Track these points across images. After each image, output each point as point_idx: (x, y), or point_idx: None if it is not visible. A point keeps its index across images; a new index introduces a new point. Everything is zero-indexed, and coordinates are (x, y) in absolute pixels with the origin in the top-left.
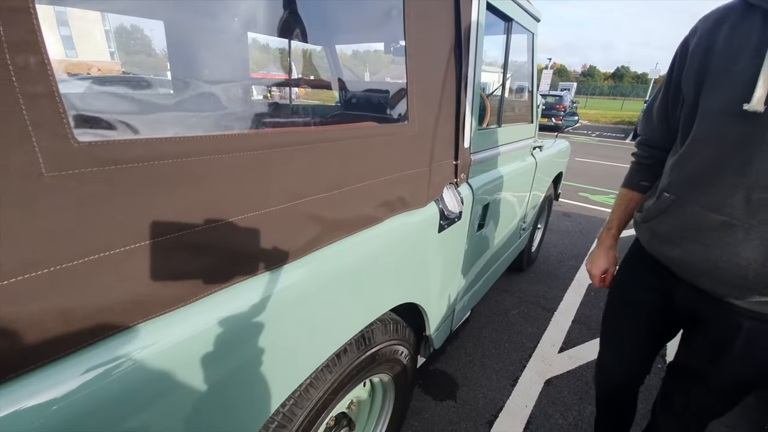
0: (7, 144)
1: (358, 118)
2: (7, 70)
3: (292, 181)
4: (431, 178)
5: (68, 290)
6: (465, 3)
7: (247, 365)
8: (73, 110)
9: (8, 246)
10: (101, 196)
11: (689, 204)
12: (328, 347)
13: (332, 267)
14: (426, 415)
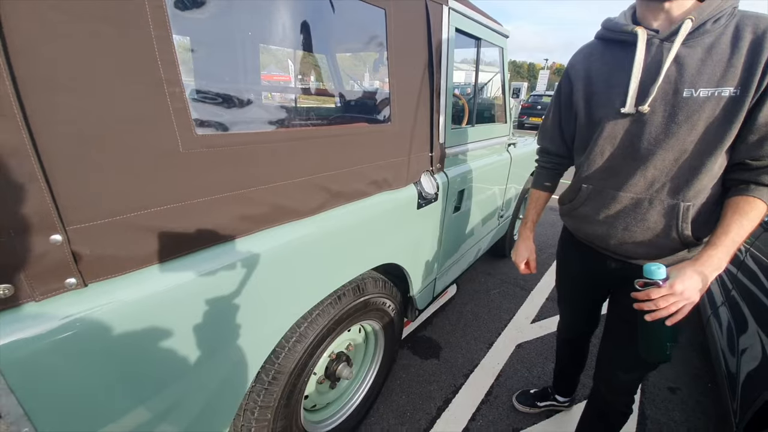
0: (165, 136)
1: (355, 119)
2: (165, 95)
3: (310, 162)
4: (410, 166)
5: (191, 215)
6: (435, 28)
7: (281, 281)
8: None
9: (165, 188)
10: (207, 165)
11: (605, 190)
12: (331, 284)
13: (335, 224)
14: (412, 369)
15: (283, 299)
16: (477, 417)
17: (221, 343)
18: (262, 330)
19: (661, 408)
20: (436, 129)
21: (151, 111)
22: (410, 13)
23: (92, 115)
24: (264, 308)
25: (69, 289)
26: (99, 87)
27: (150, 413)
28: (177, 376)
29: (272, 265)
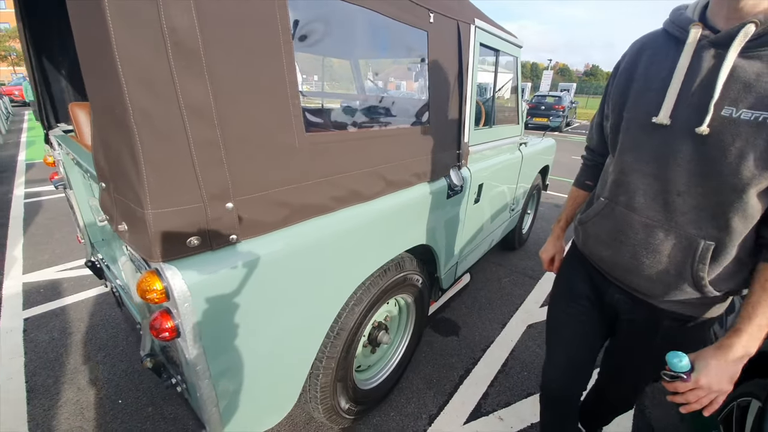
0: (289, 135)
1: (403, 121)
2: (289, 107)
3: (374, 156)
4: (442, 161)
5: (303, 193)
6: (464, 44)
7: (352, 251)
8: (304, 119)
9: (287, 174)
10: (310, 157)
11: (618, 208)
12: (383, 258)
13: (389, 208)
14: (435, 345)
15: (353, 265)
16: (495, 384)
17: (315, 289)
18: (338, 286)
19: None
20: (463, 130)
21: (282, 118)
22: (445, 33)
23: (249, 120)
24: (340, 270)
25: (231, 243)
26: (254, 101)
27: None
28: (290, 303)
29: (347, 237)
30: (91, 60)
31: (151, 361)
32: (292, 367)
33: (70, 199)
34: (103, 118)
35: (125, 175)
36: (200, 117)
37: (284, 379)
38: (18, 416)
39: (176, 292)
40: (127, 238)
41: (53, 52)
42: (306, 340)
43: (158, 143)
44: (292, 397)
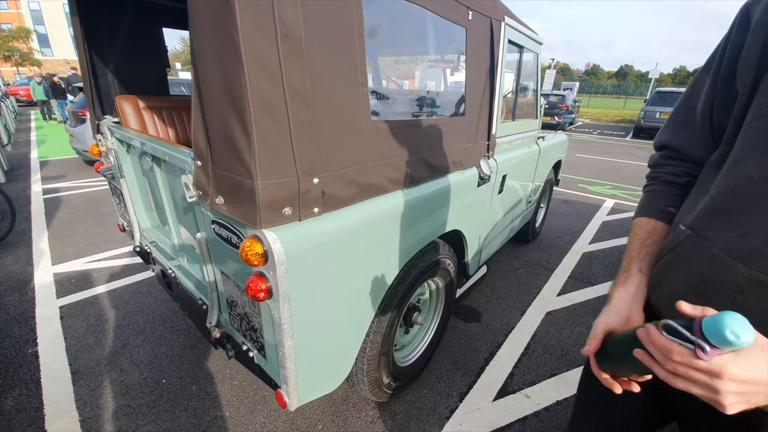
0: (359, 120)
1: (444, 112)
2: (359, 95)
3: (423, 142)
4: (475, 151)
5: (368, 173)
6: (496, 40)
7: (407, 227)
8: (373, 111)
9: (355, 156)
10: (375, 140)
11: (710, 246)
12: (428, 238)
13: (432, 192)
14: (459, 330)
15: (402, 243)
16: (519, 365)
17: (374, 262)
18: (390, 262)
19: None
20: (492, 122)
21: (355, 103)
22: (481, 30)
23: (332, 103)
24: (393, 247)
25: (314, 215)
26: (336, 87)
27: (340, 297)
28: (355, 274)
29: (400, 217)
30: (208, 48)
31: (218, 331)
32: (352, 334)
33: (120, 188)
34: (213, 101)
35: (235, 151)
36: (299, 99)
37: (346, 344)
38: (65, 396)
39: (276, 255)
40: (224, 210)
41: (103, 48)
42: (363, 309)
43: (268, 121)
44: (349, 364)
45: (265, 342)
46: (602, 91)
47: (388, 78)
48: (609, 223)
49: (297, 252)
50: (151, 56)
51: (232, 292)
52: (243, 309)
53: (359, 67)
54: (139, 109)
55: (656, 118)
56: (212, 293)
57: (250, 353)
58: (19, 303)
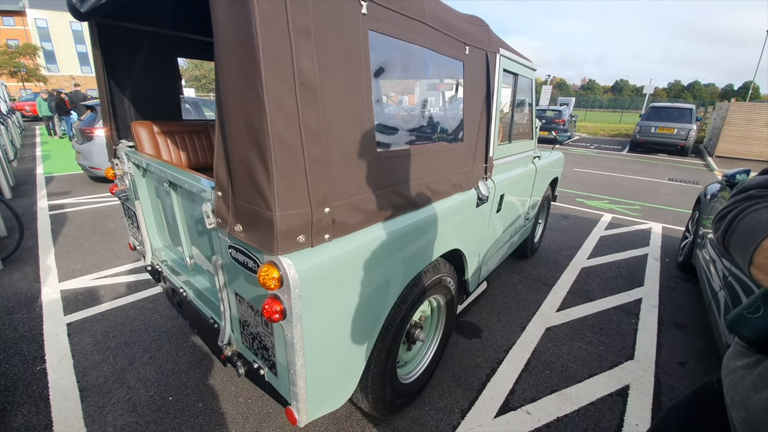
0: (366, 152)
1: (444, 139)
2: (368, 128)
3: (424, 169)
4: (473, 173)
5: (374, 201)
6: (492, 70)
7: (412, 248)
8: (378, 142)
9: (362, 185)
10: (381, 170)
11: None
12: (431, 257)
13: (435, 214)
14: (460, 346)
15: (405, 265)
16: (520, 381)
17: (379, 284)
18: (394, 283)
19: (673, 377)
20: (489, 145)
21: (362, 138)
22: (477, 62)
23: (342, 139)
24: (397, 268)
25: (325, 241)
26: (345, 124)
27: (348, 317)
28: (362, 294)
29: (403, 239)
30: (234, 95)
31: (230, 349)
32: (358, 352)
33: (133, 209)
34: (236, 139)
35: (255, 185)
36: (313, 139)
37: (352, 362)
38: (74, 413)
39: (291, 279)
40: (243, 237)
41: (120, 77)
42: (369, 328)
43: (286, 160)
44: (355, 381)
45: (277, 360)
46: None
47: (391, 108)
48: (607, 238)
49: (309, 276)
50: (166, 84)
51: (245, 313)
52: (256, 329)
53: (366, 106)
54: (154, 134)
55: (651, 132)
56: (225, 313)
57: (261, 371)
58: (27, 320)
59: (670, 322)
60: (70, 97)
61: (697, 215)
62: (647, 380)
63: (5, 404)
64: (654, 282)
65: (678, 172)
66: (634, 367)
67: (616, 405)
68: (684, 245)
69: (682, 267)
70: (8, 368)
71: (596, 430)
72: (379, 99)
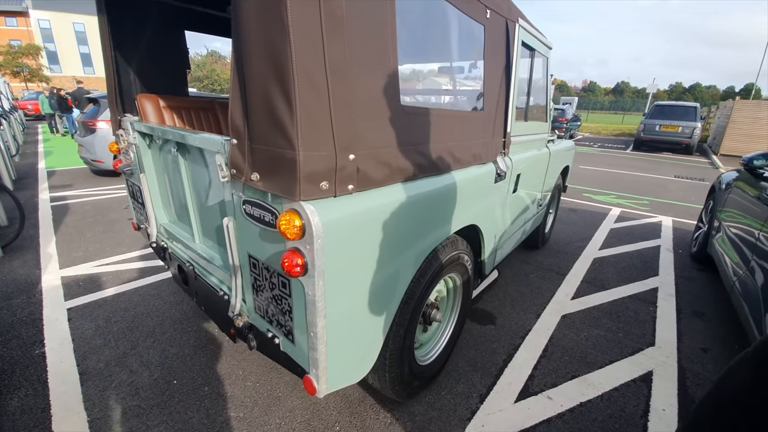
0: (391, 102)
1: (465, 106)
2: (392, 79)
3: (445, 133)
4: (492, 146)
5: (397, 156)
6: (511, 40)
7: (432, 215)
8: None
9: (386, 137)
10: (404, 124)
11: None
12: (450, 229)
13: (454, 182)
14: (474, 333)
15: (427, 232)
16: (538, 367)
17: (401, 247)
18: (415, 250)
19: (697, 363)
20: (508, 120)
21: (388, 86)
22: (497, 29)
23: (368, 84)
24: (418, 234)
25: (348, 193)
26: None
27: (369, 279)
28: (383, 256)
29: (425, 203)
30: (253, 23)
31: (241, 320)
32: (379, 321)
33: (139, 183)
34: (255, 72)
35: (276, 124)
36: (339, 75)
37: (373, 330)
38: (73, 397)
39: (314, 227)
40: (260, 186)
41: (126, 48)
42: (390, 296)
43: (310, 95)
44: (375, 352)
45: (294, 325)
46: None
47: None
48: (617, 231)
49: (332, 227)
50: (173, 57)
51: (260, 276)
52: (271, 292)
53: (391, 50)
54: (160, 108)
55: (656, 130)
56: (236, 279)
57: (276, 340)
58: (26, 305)
59: (688, 310)
60: (74, 94)
61: (711, 205)
62: (670, 366)
63: (0, 387)
64: (669, 272)
65: (683, 170)
66: (655, 353)
67: (641, 390)
68: (697, 236)
69: (696, 257)
70: (5, 352)
71: (622, 416)
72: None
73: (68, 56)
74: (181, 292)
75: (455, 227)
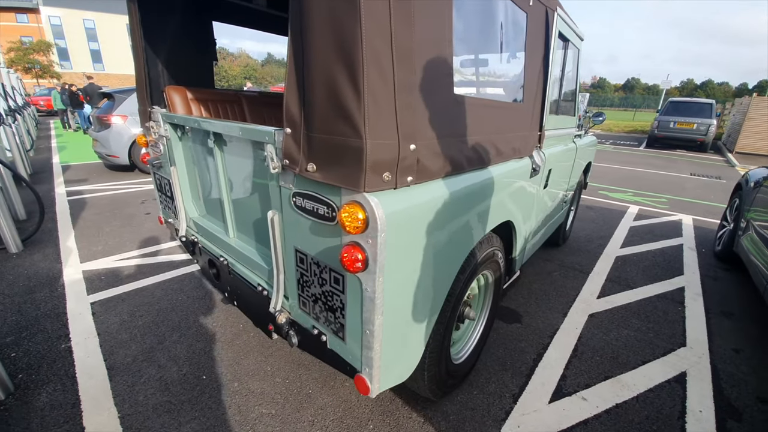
0: (446, 92)
1: (507, 97)
2: (448, 68)
3: (490, 124)
4: (530, 140)
5: (450, 147)
6: (550, 29)
7: (473, 209)
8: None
9: (441, 127)
10: (458, 113)
11: None
12: (490, 225)
13: (497, 177)
14: (501, 331)
15: (471, 227)
16: (570, 367)
17: (450, 242)
18: (461, 245)
19: (730, 363)
20: (545, 112)
21: (444, 74)
22: (538, 17)
23: (429, 71)
24: (464, 229)
25: (407, 185)
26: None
27: (421, 275)
28: (435, 252)
29: (475, 196)
30: (318, 5)
31: (283, 316)
32: (426, 318)
33: (168, 176)
34: (318, 58)
35: (340, 111)
36: (404, 61)
37: (421, 329)
38: (103, 392)
39: (378, 221)
40: (317, 177)
41: (155, 39)
42: (437, 291)
43: (377, 79)
44: (420, 349)
45: (347, 322)
46: (609, 104)
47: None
48: (637, 229)
49: (394, 220)
50: (200, 49)
51: (308, 272)
52: (320, 288)
53: (448, 35)
54: (188, 100)
55: (670, 127)
56: (278, 275)
57: (323, 337)
58: (49, 299)
59: (717, 310)
60: (85, 90)
61: (737, 202)
62: (704, 367)
63: (28, 382)
64: (694, 271)
65: (698, 168)
66: (688, 353)
67: (676, 392)
68: (721, 235)
69: (721, 256)
70: (32, 346)
71: (659, 417)
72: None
73: (78, 53)
74: (203, 287)
75: (494, 223)
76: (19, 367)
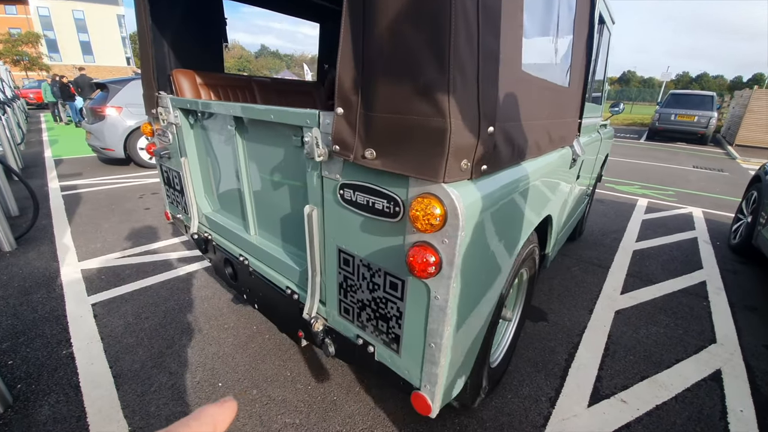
0: (519, 70)
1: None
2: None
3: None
4: (572, 127)
5: (517, 132)
6: (593, 12)
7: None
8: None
9: (512, 108)
10: (523, 93)
11: None
12: (540, 216)
13: (551, 164)
14: (528, 330)
15: (528, 217)
16: (604, 367)
17: (511, 235)
18: (518, 236)
19: (762, 360)
20: (585, 99)
21: (516, 47)
22: None
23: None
24: (524, 219)
25: (481, 174)
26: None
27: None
28: (501, 242)
29: (533, 187)
30: None
31: (320, 323)
32: (482, 323)
33: (177, 168)
34: (386, 21)
35: (415, 82)
36: (490, 24)
37: (478, 336)
38: (110, 402)
39: (460, 218)
40: (377, 165)
41: (162, 19)
42: (492, 296)
43: (464, 44)
44: (472, 360)
45: (404, 333)
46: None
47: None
48: (650, 222)
49: (472, 216)
50: (209, 29)
51: (354, 274)
52: (370, 294)
53: (520, 5)
54: (196, 84)
55: (671, 119)
56: (314, 277)
57: (370, 348)
58: (46, 300)
59: (740, 305)
60: (76, 82)
61: (755, 195)
62: (737, 364)
63: (28, 393)
64: (712, 265)
65: (700, 160)
66: (719, 350)
67: (713, 391)
68: (737, 228)
69: (737, 250)
70: (30, 353)
71: (701, 418)
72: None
73: (68, 44)
74: (211, 286)
75: (540, 217)
76: (17, 376)
